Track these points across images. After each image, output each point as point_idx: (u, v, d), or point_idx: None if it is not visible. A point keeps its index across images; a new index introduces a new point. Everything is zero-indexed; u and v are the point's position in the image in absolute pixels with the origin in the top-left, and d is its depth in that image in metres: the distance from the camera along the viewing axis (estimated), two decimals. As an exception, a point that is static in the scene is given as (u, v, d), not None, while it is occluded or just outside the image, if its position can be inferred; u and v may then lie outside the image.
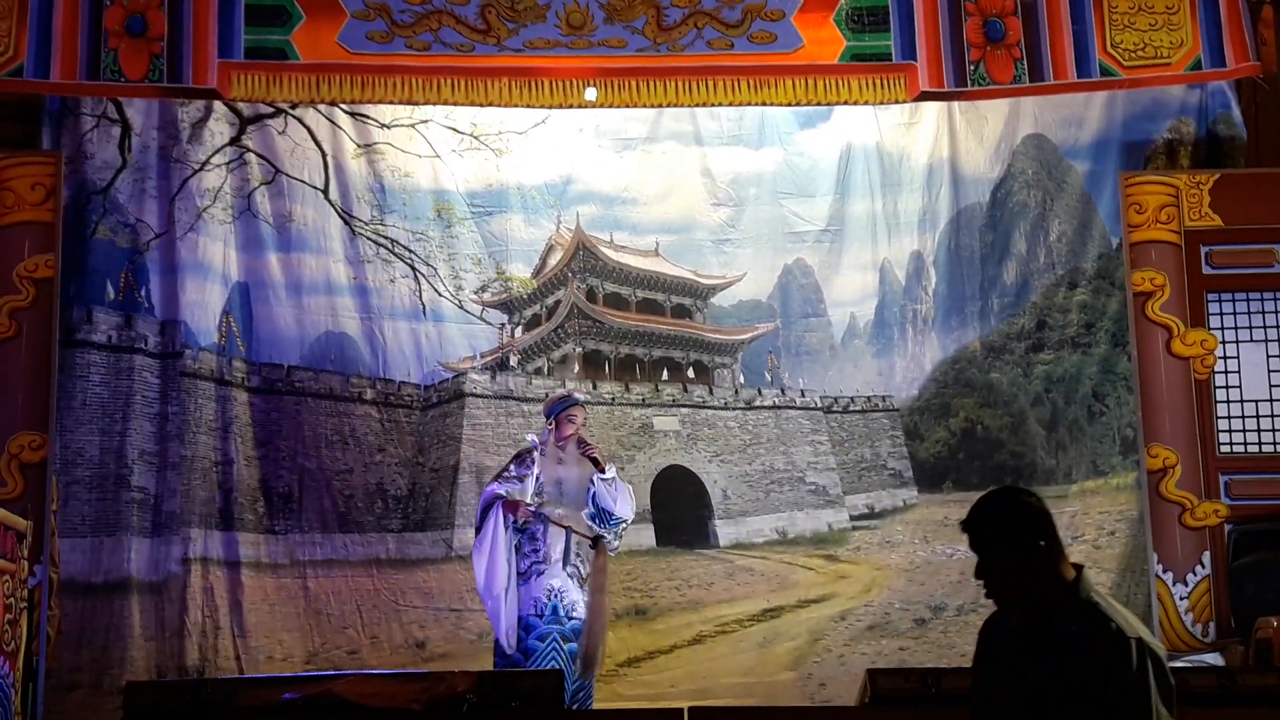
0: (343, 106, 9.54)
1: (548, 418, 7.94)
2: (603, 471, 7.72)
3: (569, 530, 7.72)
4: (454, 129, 9.74)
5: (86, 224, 9.23)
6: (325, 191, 9.70)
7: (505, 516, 7.65)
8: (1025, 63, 8.90)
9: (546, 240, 9.98)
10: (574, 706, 7.27)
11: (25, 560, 7.01)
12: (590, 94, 8.96)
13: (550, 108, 9.10)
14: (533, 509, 7.67)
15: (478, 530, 7.68)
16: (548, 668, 7.38)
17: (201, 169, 9.48)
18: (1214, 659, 7.77)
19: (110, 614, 8.94)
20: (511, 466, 7.82)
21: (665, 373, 10.09)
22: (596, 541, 7.83)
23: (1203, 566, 8.39)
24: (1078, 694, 3.51)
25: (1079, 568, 3.76)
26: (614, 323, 10.09)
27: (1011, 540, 3.72)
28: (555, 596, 7.63)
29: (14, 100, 9.04)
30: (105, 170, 9.31)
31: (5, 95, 8.83)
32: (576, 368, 10.01)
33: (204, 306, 9.44)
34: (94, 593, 8.92)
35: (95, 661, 8.78)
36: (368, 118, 9.67)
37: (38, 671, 7.58)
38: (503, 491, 7.68)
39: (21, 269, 8.34)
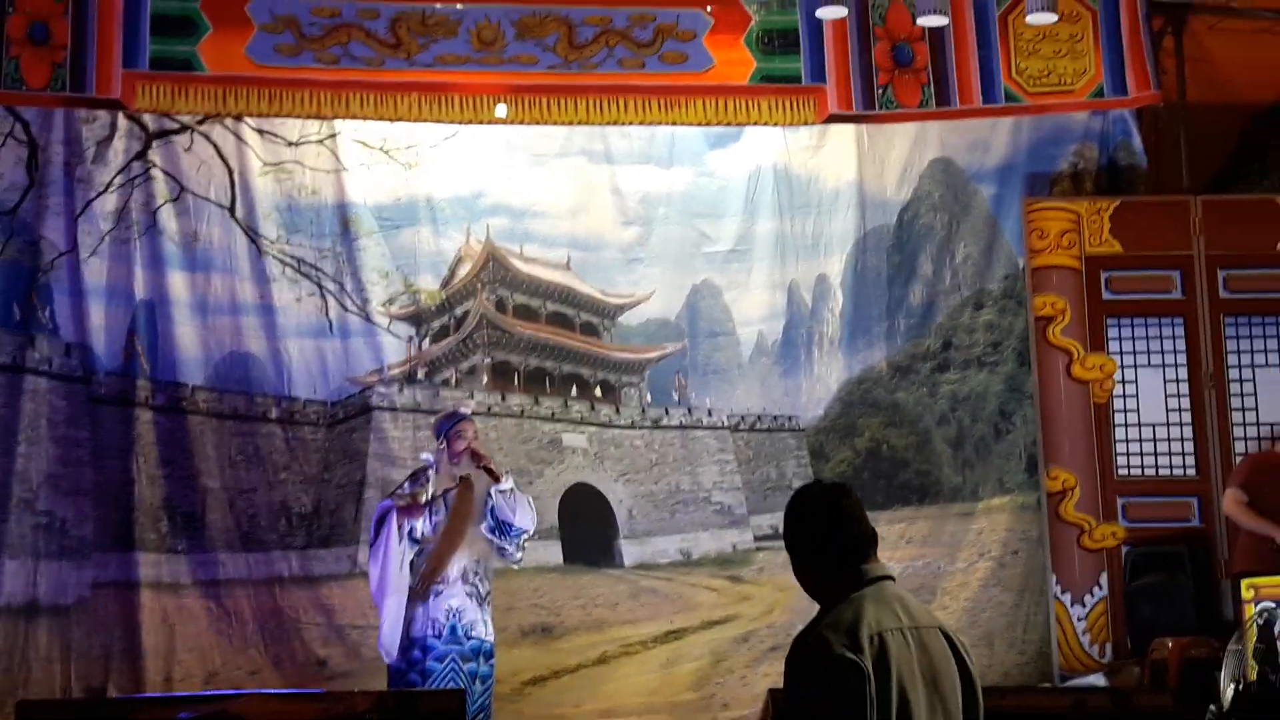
0: (249, 123, 9.42)
1: (438, 436, 7.84)
2: (499, 482, 7.64)
3: (469, 546, 7.66)
4: (363, 143, 9.63)
5: (-13, 243, 9.08)
6: (231, 210, 9.60)
7: (401, 525, 7.56)
8: (932, 87, 9.03)
9: (456, 252, 9.92)
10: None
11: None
12: (501, 110, 8.96)
13: (461, 123, 9.07)
14: (433, 513, 7.58)
15: (372, 540, 7.59)
16: (447, 688, 7.33)
17: (106, 189, 9.36)
18: (1098, 679, 7.89)
19: (15, 637, 8.82)
20: (405, 485, 7.74)
21: (574, 389, 10.07)
22: (464, 480, 7.69)
23: (1100, 588, 8.52)
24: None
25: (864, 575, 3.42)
26: (523, 334, 10.04)
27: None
28: (454, 616, 7.55)
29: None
30: (9, 187, 9.17)
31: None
32: (485, 379, 9.96)
33: (110, 330, 9.32)
34: (-3, 615, 8.80)
35: (-3, 684, 8.64)
36: (275, 135, 9.56)
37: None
38: (389, 503, 7.60)
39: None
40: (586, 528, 9.87)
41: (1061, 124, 9.67)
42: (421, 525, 7.45)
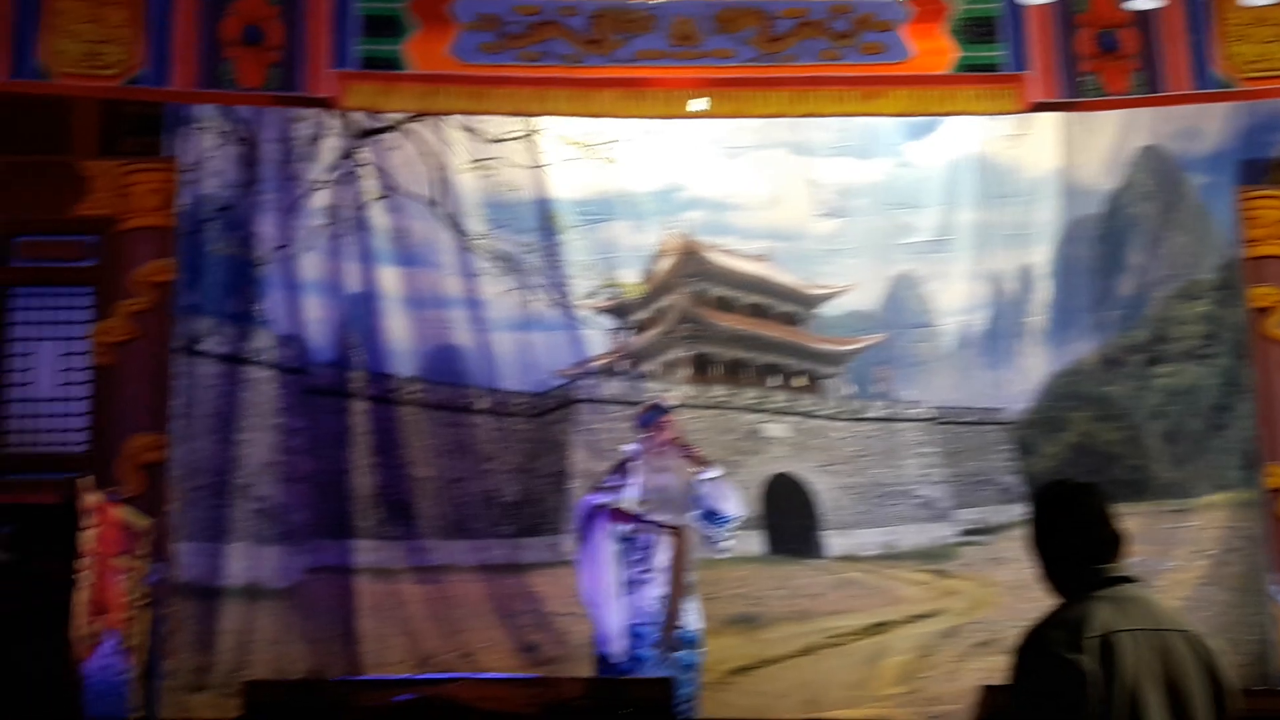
0: (454, 120, 9.67)
1: (641, 428, 7.95)
2: (706, 470, 7.72)
3: (674, 538, 7.74)
4: (563, 139, 9.83)
5: (206, 237, 9.44)
6: (437, 205, 9.85)
7: (610, 525, 7.68)
8: (1140, 74, 8.80)
9: (655, 246, 10.03)
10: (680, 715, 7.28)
11: (145, 559, 7.18)
12: (697, 105, 8.99)
13: (658, 118, 9.14)
14: (641, 517, 7.70)
15: (581, 540, 7.71)
16: (656, 676, 7.41)
17: (317, 187, 9.68)
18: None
19: (234, 618, 9.14)
20: (609, 477, 7.85)
21: (774, 378, 10.09)
22: (677, 530, 7.82)
23: (1320, 588, 8.24)
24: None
25: (1101, 575, 3.41)
26: (722, 326, 10.10)
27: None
28: (668, 606, 7.67)
29: (136, 113, 9.26)
30: (226, 184, 9.54)
31: (128, 106, 9.04)
32: (686, 372, 10.03)
33: (323, 322, 9.64)
34: (217, 596, 9.12)
35: (219, 663, 8.97)
36: (478, 132, 9.80)
37: (155, 669, 7.74)
38: (602, 501, 7.71)
39: (141, 273, 8.53)
40: (788, 518, 9.87)
41: (1277, 110, 9.38)
42: (642, 538, 7.59)
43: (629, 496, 7.74)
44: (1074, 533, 3.40)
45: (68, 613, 5.82)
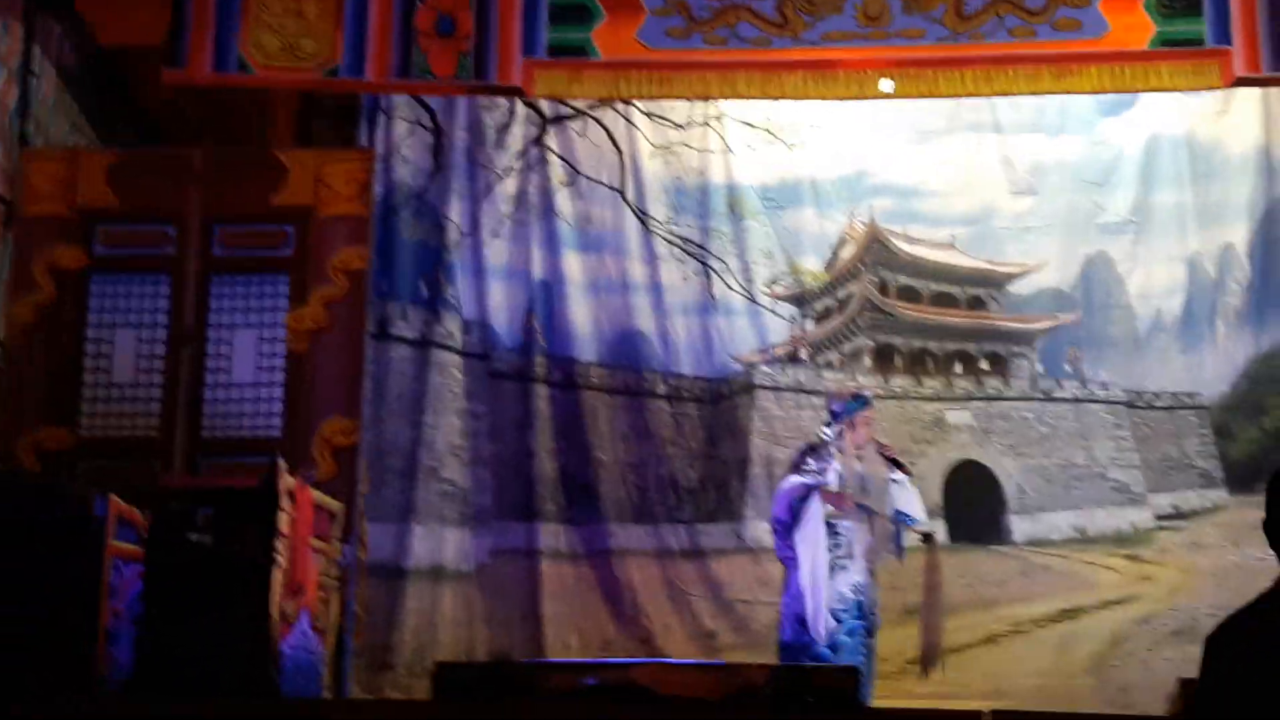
0: (639, 106, 9.71)
1: (837, 419, 7.87)
2: (906, 474, 7.68)
3: (871, 525, 7.68)
4: (747, 124, 9.81)
5: (398, 223, 9.62)
6: (622, 192, 9.90)
7: (824, 506, 7.65)
8: (1353, 45, 8.45)
9: (839, 234, 9.98)
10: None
11: (337, 541, 7.32)
12: (886, 85, 8.85)
13: (845, 100, 9.04)
14: (855, 502, 7.66)
15: (794, 521, 7.65)
16: (851, 663, 7.37)
17: (506, 174, 9.81)
18: None
19: (420, 598, 9.28)
20: (809, 460, 7.80)
21: (958, 365, 9.95)
22: (928, 539, 7.80)
23: None
24: None
25: None
26: (907, 316, 9.99)
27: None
28: (859, 592, 7.61)
29: (332, 104, 9.46)
30: (416, 172, 9.72)
31: (324, 96, 9.24)
32: (868, 361, 9.96)
33: (508, 307, 9.77)
34: (404, 577, 9.28)
35: (405, 643, 9.13)
36: (663, 118, 9.85)
37: (346, 648, 7.89)
38: (812, 483, 7.68)
39: (336, 261, 8.67)
40: (972, 505, 9.74)
41: None
42: (843, 524, 7.54)
43: (827, 482, 7.69)
44: None
45: (265, 593, 5.94)
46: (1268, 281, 9.61)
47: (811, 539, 7.57)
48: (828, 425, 7.90)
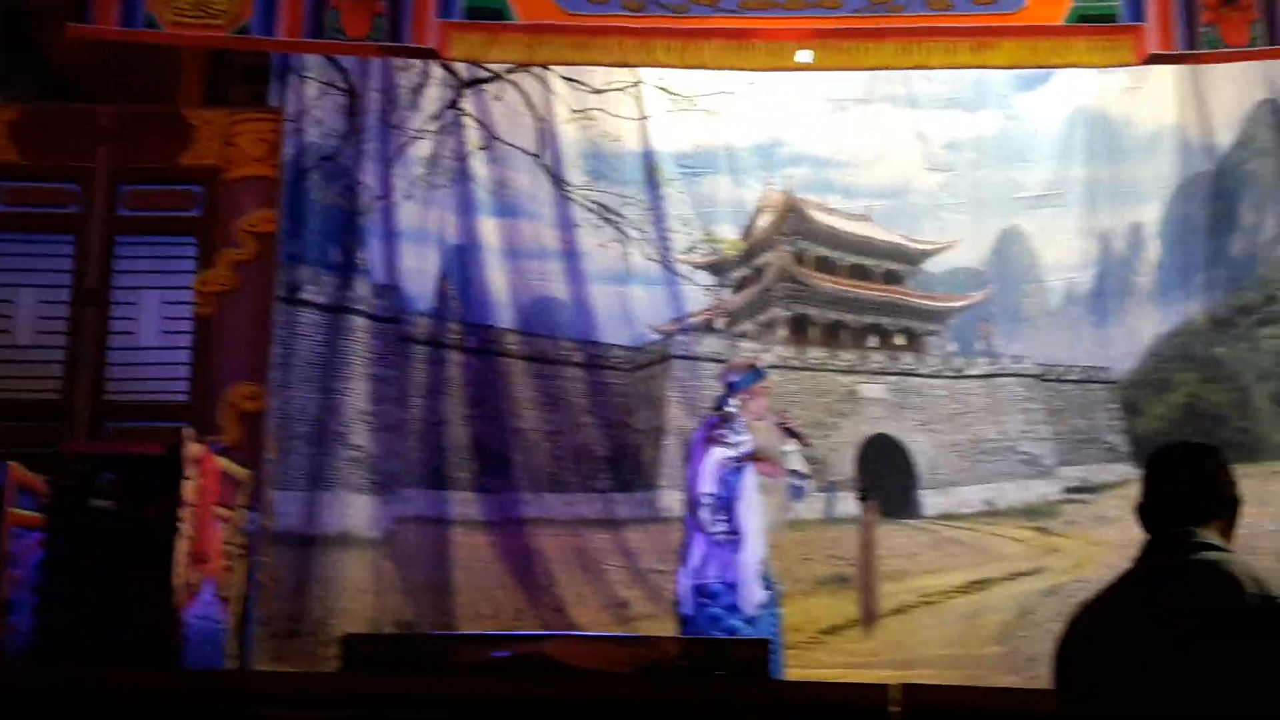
0: (557, 71, 9.61)
1: (734, 391, 7.82)
2: (804, 444, 7.65)
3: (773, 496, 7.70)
4: (666, 90, 9.74)
5: (309, 186, 9.47)
6: (539, 157, 9.81)
7: (715, 465, 7.62)
8: (1263, 24, 8.54)
9: (756, 202, 9.93)
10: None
11: (243, 508, 7.22)
12: (804, 56, 8.83)
13: (763, 70, 9.01)
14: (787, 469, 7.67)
15: (732, 495, 7.63)
16: (760, 636, 7.38)
17: (419, 136, 9.68)
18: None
19: (327, 566, 9.18)
20: (724, 431, 7.76)
21: (873, 339, 9.98)
22: (865, 497, 7.83)
23: None
24: None
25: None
26: (823, 287, 9.99)
27: None
28: (764, 563, 7.63)
29: (243, 64, 9.28)
30: (328, 134, 9.56)
31: (234, 56, 9.06)
32: (783, 332, 9.95)
33: (421, 272, 9.65)
34: (311, 545, 9.18)
35: (311, 611, 9.03)
36: (581, 83, 9.75)
37: (251, 618, 7.81)
38: (739, 453, 7.66)
39: (244, 223, 8.57)
40: (884, 478, 9.77)
41: None
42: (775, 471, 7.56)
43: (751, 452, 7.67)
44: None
45: (169, 562, 5.85)
46: (1176, 260, 9.68)
47: (755, 509, 7.59)
48: (725, 398, 7.83)
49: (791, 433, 7.76)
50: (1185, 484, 3.25)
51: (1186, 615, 3.08)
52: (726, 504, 7.57)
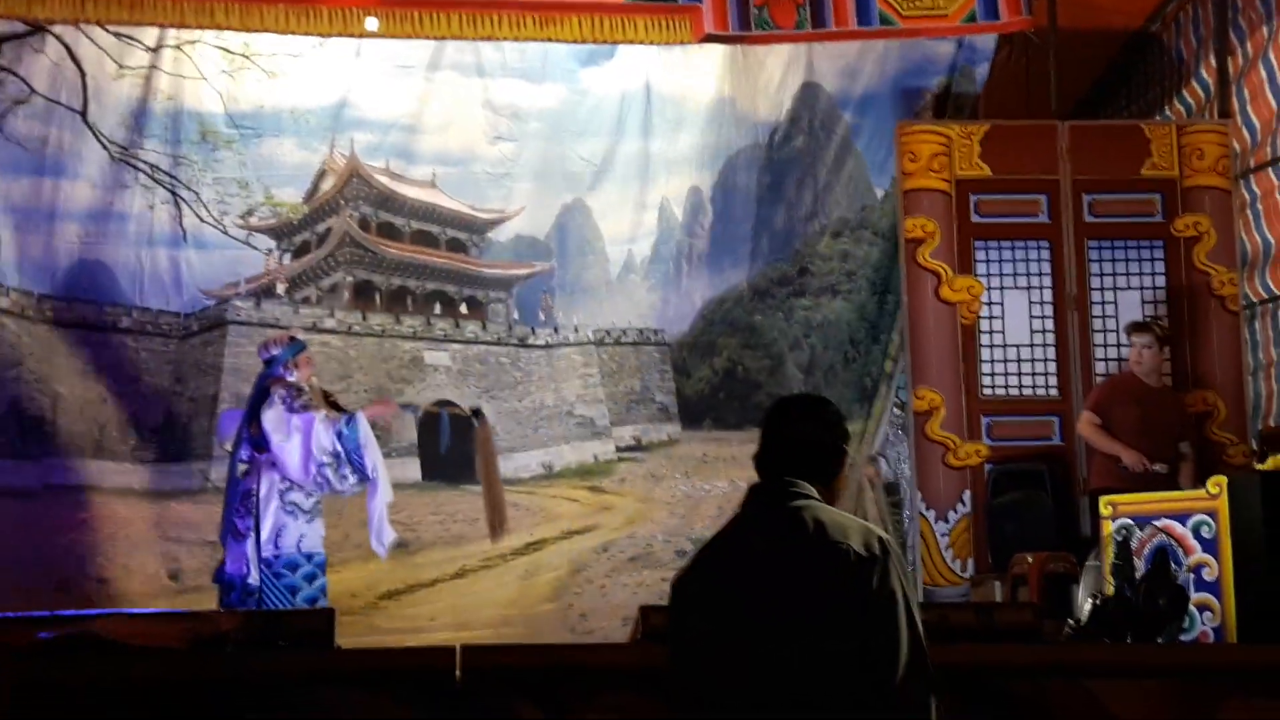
0: (106, 27, 9.13)
1: (277, 362, 7.61)
2: (343, 413, 7.55)
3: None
4: (224, 49, 9.41)
5: None
6: (84, 114, 9.31)
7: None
8: (808, 9, 9.00)
9: (319, 165, 9.75)
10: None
11: None
12: (371, 24, 8.77)
13: (329, 36, 8.87)
14: None
15: (352, 449, 7.42)
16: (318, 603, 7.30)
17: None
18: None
19: None
20: (291, 399, 7.55)
21: (438, 307, 9.98)
22: (478, 414, 7.81)
23: (963, 505, 8.62)
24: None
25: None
26: (387, 253, 9.91)
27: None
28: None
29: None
30: None
31: None
32: (346, 297, 9.83)
33: None
34: None
35: None
36: (132, 39, 9.28)
37: None
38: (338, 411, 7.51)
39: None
40: (445, 445, 9.80)
41: (928, 53, 9.73)
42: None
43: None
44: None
45: None
46: (727, 228, 10.11)
47: (379, 455, 7.49)
48: (268, 372, 7.59)
49: (335, 405, 7.64)
50: (791, 436, 3.38)
51: (770, 561, 3.24)
52: (348, 458, 7.39)
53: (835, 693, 3.12)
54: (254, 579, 7.29)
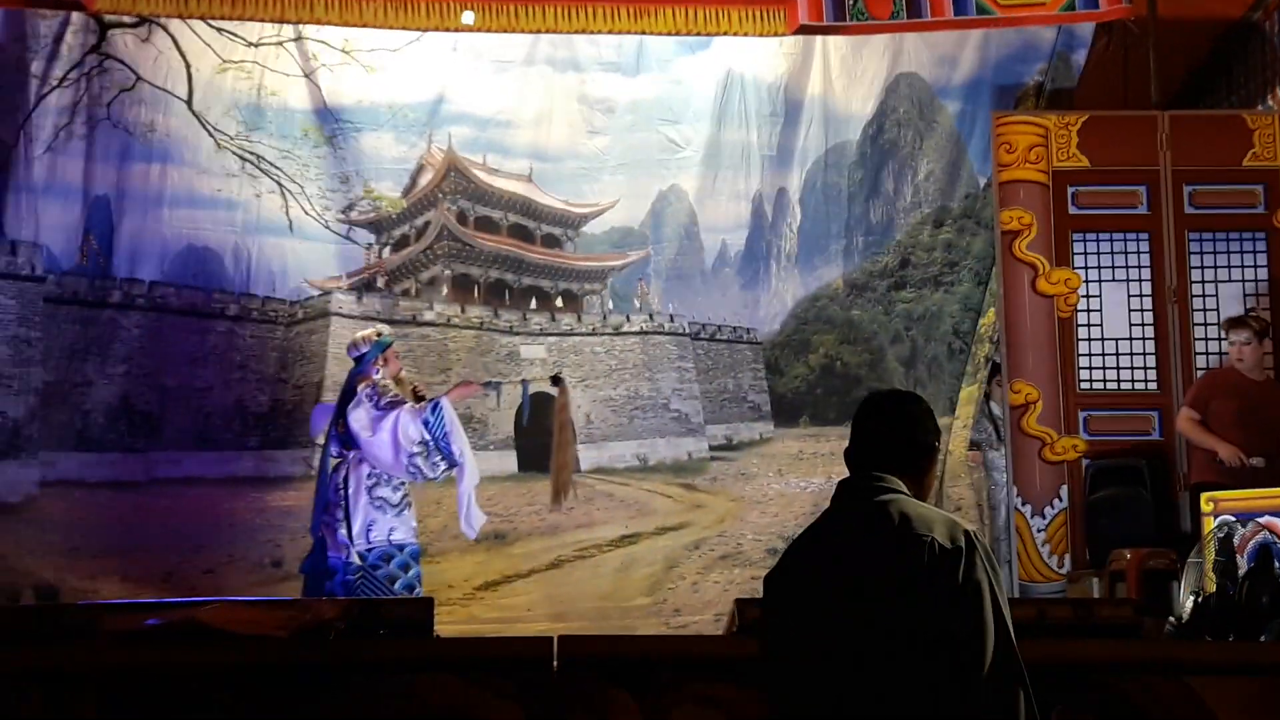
0: (209, 21, 9.27)
1: (367, 360, 7.73)
2: (433, 402, 7.66)
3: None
4: (325, 44, 9.52)
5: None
6: (189, 102, 9.46)
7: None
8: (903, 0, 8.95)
9: (417, 160, 9.84)
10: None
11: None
12: (467, 18, 8.82)
13: (427, 30, 8.93)
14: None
15: (442, 435, 7.56)
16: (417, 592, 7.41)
17: (60, 84, 9.21)
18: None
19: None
20: (380, 399, 7.67)
21: (534, 301, 10.04)
22: (557, 380, 7.93)
23: (1060, 500, 8.53)
24: None
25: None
26: (484, 246, 9.99)
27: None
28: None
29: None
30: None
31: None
32: (445, 290, 9.91)
33: (64, 229, 9.24)
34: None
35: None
36: (234, 34, 9.41)
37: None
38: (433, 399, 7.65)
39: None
40: (542, 435, 9.86)
41: (1029, 40, 9.64)
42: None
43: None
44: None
45: None
46: (816, 226, 10.07)
47: (465, 440, 7.62)
48: (357, 369, 7.73)
49: (420, 396, 7.76)
50: (881, 432, 3.40)
51: (857, 554, 3.26)
52: (436, 445, 7.51)
53: (922, 686, 3.13)
54: (354, 565, 7.43)
